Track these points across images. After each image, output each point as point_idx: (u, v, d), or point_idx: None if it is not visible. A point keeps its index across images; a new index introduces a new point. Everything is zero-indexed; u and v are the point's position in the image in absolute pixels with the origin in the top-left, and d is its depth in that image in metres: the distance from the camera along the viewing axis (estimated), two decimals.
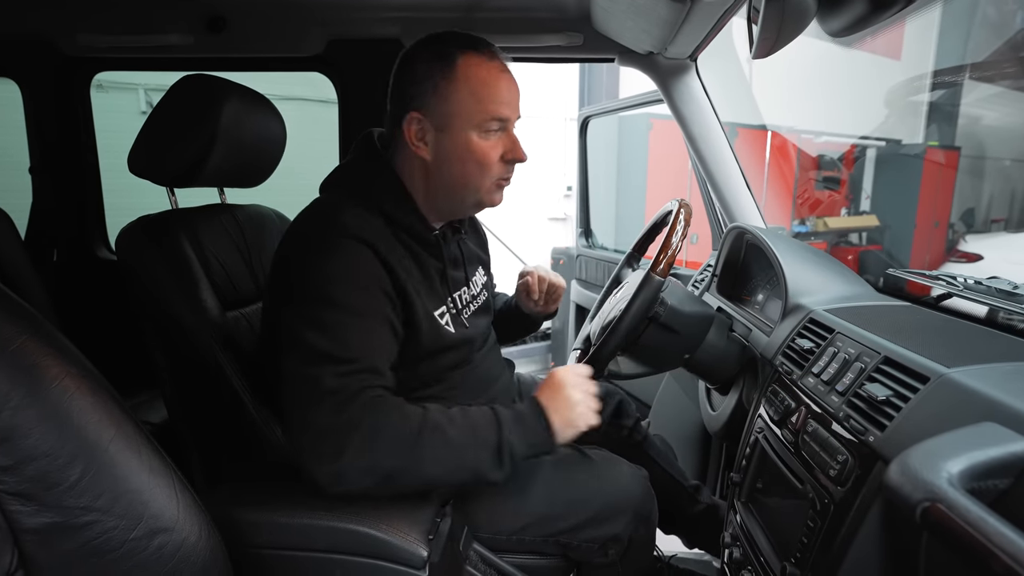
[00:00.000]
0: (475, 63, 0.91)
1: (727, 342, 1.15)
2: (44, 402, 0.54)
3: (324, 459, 0.75)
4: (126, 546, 0.58)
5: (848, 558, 0.65)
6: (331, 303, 0.82)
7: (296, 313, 0.83)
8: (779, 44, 0.81)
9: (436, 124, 0.92)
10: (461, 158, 0.93)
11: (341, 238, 0.85)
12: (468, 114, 0.91)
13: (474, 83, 0.90)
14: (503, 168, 0.96)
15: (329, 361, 0.79)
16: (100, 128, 1.86)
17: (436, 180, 0.95)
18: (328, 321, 0.81)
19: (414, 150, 0.94)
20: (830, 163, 4.78)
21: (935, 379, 0.64)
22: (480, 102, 0.90)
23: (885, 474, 0.51)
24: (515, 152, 0.95)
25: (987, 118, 4.57)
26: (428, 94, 0.91)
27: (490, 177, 0.95)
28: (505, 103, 0.93)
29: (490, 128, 0.92)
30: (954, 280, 0.98)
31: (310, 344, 0.79)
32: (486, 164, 0.93)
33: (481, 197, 0.97)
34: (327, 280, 0.83)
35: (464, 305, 1.06)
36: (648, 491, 1.09)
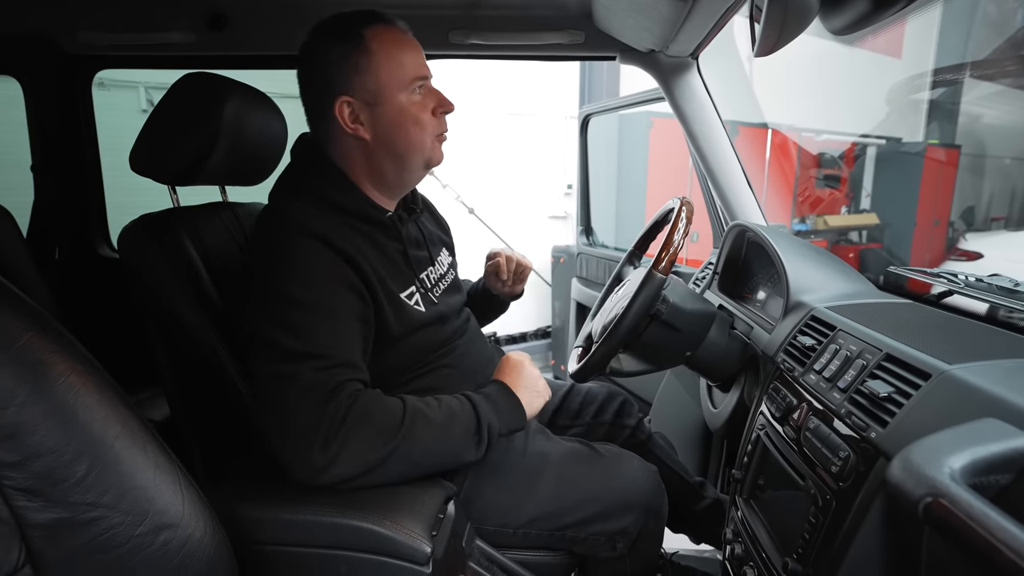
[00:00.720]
0: (382, 32, 0.95)
1: (728, 340, 1.15)
2: (50, 399, 0.54)
3: (311, 454, 0.77)
4: (132, 542, 0.58)
5: (850, 553, 0.65)
6: (295, 302, 0.83)
7: (262, 317, 0.84)
8: (781, 42, 0.81)
9: (367, 100, 0.94)
10: (400, 123, 0.95)
11: (293, 236, 0.87)
12: (394, 81, 0.94)
13: (390, 50, 0.94)
14: (437, 122, 0.99)
15: (305, 358, 0.80)
16: (100, 126, 1.86)
17: (381, 155, 0.97)
18: (296, 321, 0.82)
19: (351, 133, 0.95)
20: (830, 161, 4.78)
21: (937, 376, 0.65)
22: (401, 66, 0.94)
23: (887, 470, 0.51)
24: (444, 104, 0.99)
25: (987, 116, 4.57)
26: (350, 74, 0.93)
27: (429, 133, 0.98)
28: (421, 63, 0.97)
29: (415, 88, 0.96)
30: (955, 278, 0.98)
31: (282, 345, 0.80)
32: (423, 121, 0.96)
33: (427, 155, 0.99)
34: (287, 280, 0.84)
35: (433, 284, 1.07)
36: (659, 485, 1.10)
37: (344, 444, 0.77)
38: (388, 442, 0.80)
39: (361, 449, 0.79)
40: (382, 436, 0.80)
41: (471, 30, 1.52)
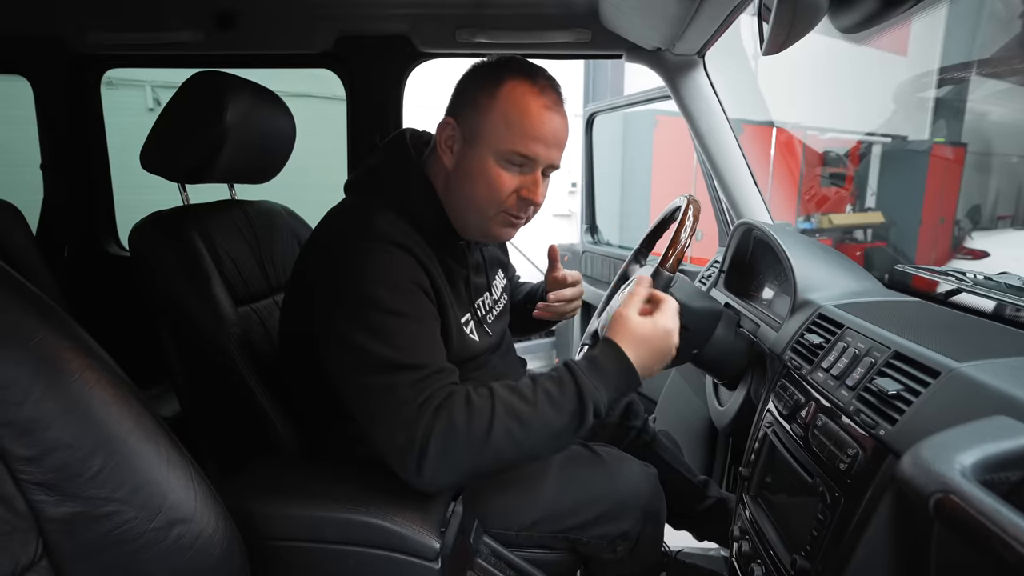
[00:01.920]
0: (521, 90, 0.88)
1: (735, 338, 1.15)
2: (65, 394, 0.55)
3: (410, 465, 0.75)
4: (145, 536, 0.59)
5: (858, 551, 0.65)
6: (384, 308, 0.80)
7: (346, 321, 0.80)
8: (790, 41, 0.81)
9: (465, 135, 0.90)
10: (474, 177, 0.89)
11: (381, 243, 0.84)
12: (495, 137, 0.87)
13: (511, 109, 0.87)
14: (515, 203, 0.91)
15: (401, 369, 0.78)
16: (107, 125, 1.87)
17: (452, 191, 0.93)
18: (387, 327, 0.79)
19: (440, 154, 0.92)
20: (836, 159, 4.77)
21: (946, 373, 0.65)
22: (510, 129, 0.87)
23: (897, 466, 0.51)
24: (531, 192, 0.90)
25: (994, 114, 4.55)
26: (468, 105, 0.90)
27: (496, 207, 0.90)
28: (539, 141, 0.88)
29: (512, 160, 0.88)
30: (963, 276, 0.98)
31: (374, 352, 0.78)
32: (495, 192, 0.89)
33: (486, 226, 0.93)
34: (374, 285, 0.81)
35: (487, 311, 1.06)
36: (657, 488, 1.10)
37: (437, 458, 0.75)
38: (480, 452, 0.77)
39: (454, 461, 0.76)
40: (472, 446, 0.76)
41: (478, 28, 1.52)
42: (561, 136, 0.91)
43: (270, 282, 1.21)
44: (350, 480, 0.87)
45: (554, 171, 0.95)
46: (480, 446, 0.76)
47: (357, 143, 1.73)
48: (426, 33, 1.59)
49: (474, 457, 0.77)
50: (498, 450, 0.77)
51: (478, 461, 0.77)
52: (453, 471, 0.77)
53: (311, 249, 0.93)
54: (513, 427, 0.77)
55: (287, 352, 1.00)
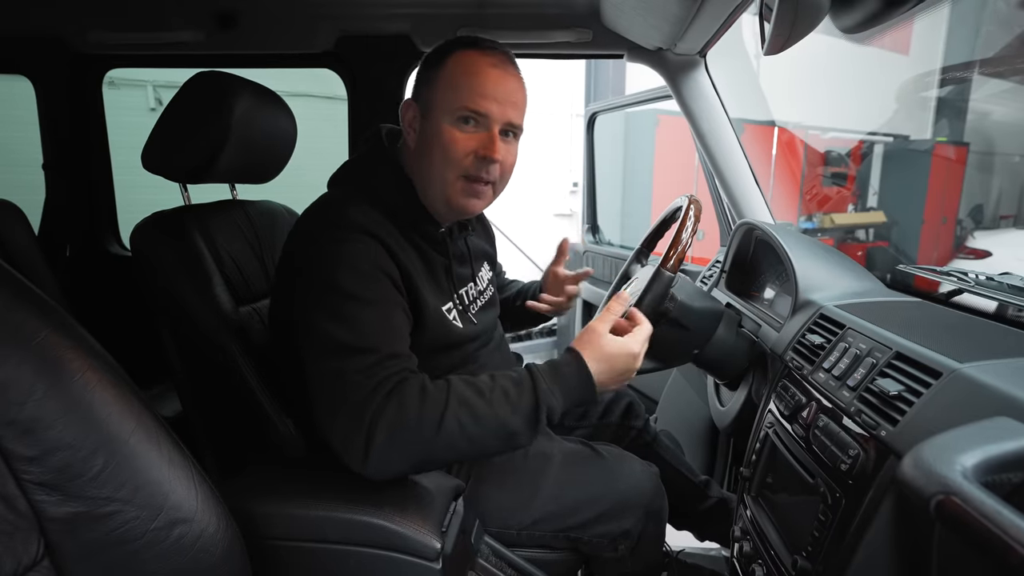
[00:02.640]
0: (466, 56, 0.90)
1: (736, 338, 1.15)
2: (67, 394, 0.55)
3: (356, 451, 0.76)
4: (147, 536, 0.59)
5: (860, 551, 0.65)
6: (345, 294, 0.81)
7: (312, 307, 0.82)
8: (791, 40, 0.81)
9: (422, 110, 0.92)
10: (431, 145, 0.90)
11: (349, 232, 0.86)
12: (445, 102, 0.89)
13: (457, 73, 0.89)
14: (472, 164, 0.90)
15: (351, 353, 0.78)
16: (109, 124, 1.88)
17: (417, 169, 0.95)
18: (345, 312, 0.80)
19: (406, 137, 0.95)
20: (837, 159, 4.76)
21: (948, 374, 0.65)
22: (457, 91, 0.88)
23: (898, 468, 0.51)
24: (487, 149, 0.89)
25: (996, 113, 4.54)
26: (422, 83, 0.93)
27: (453, 171, 0.90)
28: (488, 97, 0.88)
29: (464, 119, 0.89)
30: (965, 276, 0.98)
31: (329, 336, 0.79)
32: (451, 155, 0.89)
33: (449, 194, 0.92)
34: (339, 273, 0.82)
35: (471, 301, 1.07)
36: (659, 487, 1.10)
37: (384, 444, 0.75)
38: (430, 441, 0.77)
39: (402, 449, 0.77)
40: (422, 435, 0.77)
41: (479, 28, 1.52)
42: (514, 94, 0.91)
43: (271, 282, 1.21)
44: (351, 480, 0.87)
45: (518, 133, 0.94)
46: (431, 435, 0.77)
47: (358, 143, 1.73)
48: (427, 33, 1.59)
49: (423, 446, 0.77)
50: (449, 442, 0.77)
51: (428, 451, 0.77)
52: (401, 459, 0.77)
53: (291, 241, 0.95)
54: (466, 420, 0.78)
55: (276, 343, 1.01)
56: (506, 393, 0.81)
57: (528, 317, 1.31)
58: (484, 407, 0.79)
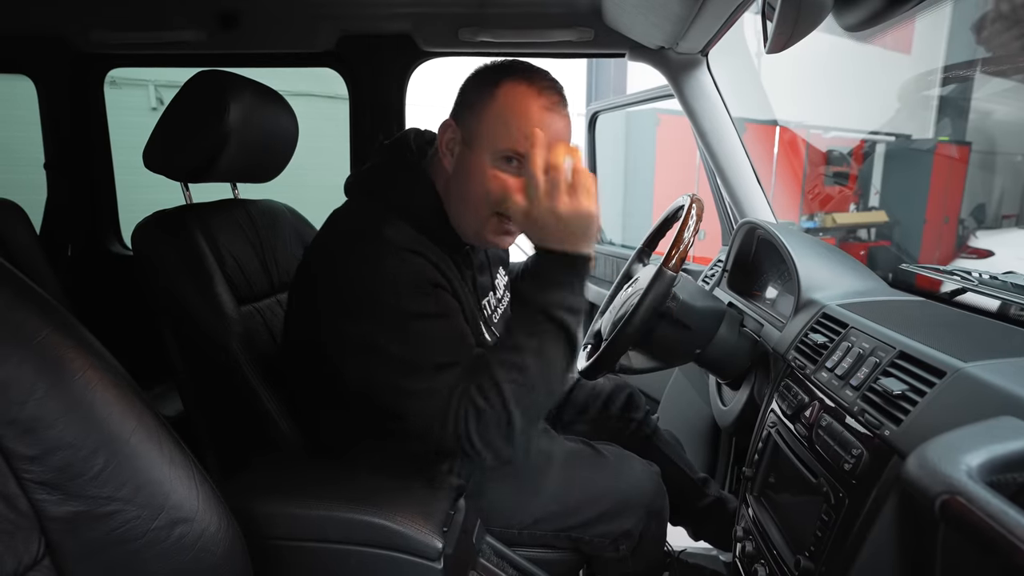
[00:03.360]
0: (519, 90, 0.86)
1: (738, 337, 1.15)
2: (68, 394, 0.55)
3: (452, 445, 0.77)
4: (148, 535, 0.59)
5: (863, 551, 0.65)
6: (410, 314, 0.80)
7: (373, 330, 0.80)
8: (794, 39, 0.81)
9: (464, 138, 0.89)
10: (470, 178, 0.88)
11: (391, 248, 0.83)
12: (492, 137, 0.86)
13: (508, 109, 0.85)
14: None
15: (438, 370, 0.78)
16: (110, 124, 1.88)
17: (450, 194, 0.92)
18: (418, 332, 0.79)
19: (441, 157, 0.91)
20: (839, 158, 4.76)
21: (952, 373, 0.64)
22: (507, 129, 0.85)
23: (902, 467, 0.51)
24: None
25: (999, 112, 4.53)
26: (467, 107, 0.89)
27: (489, 208, 0.88)
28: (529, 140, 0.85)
29: (508, 159, 0.86)
30: (969, 275, 0.97)
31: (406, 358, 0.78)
32: (489, 193, 0.86)
33: (481, 230, 0.91)
34: (394, 292, 0.80)
35: (492, 311, 1.06)
36: (659, 487, 1.10)
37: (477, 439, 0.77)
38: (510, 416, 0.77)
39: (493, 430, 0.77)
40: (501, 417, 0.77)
41: (481, 28, 1.52)
42: (560, 136, 0.89)
43: (273, 281, 1.21)
44: (352, 480, 0.87)
45: None
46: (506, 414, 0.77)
47: (359, 142, 1.73)
48: (429, 32, 1.59)
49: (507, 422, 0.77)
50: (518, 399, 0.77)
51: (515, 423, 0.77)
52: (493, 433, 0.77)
53: (318, 256, 0.91)
54: (514, 375, 0.78)
55: (291, 355, 0.99)
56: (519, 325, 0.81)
57: None
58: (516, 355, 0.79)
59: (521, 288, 0.84)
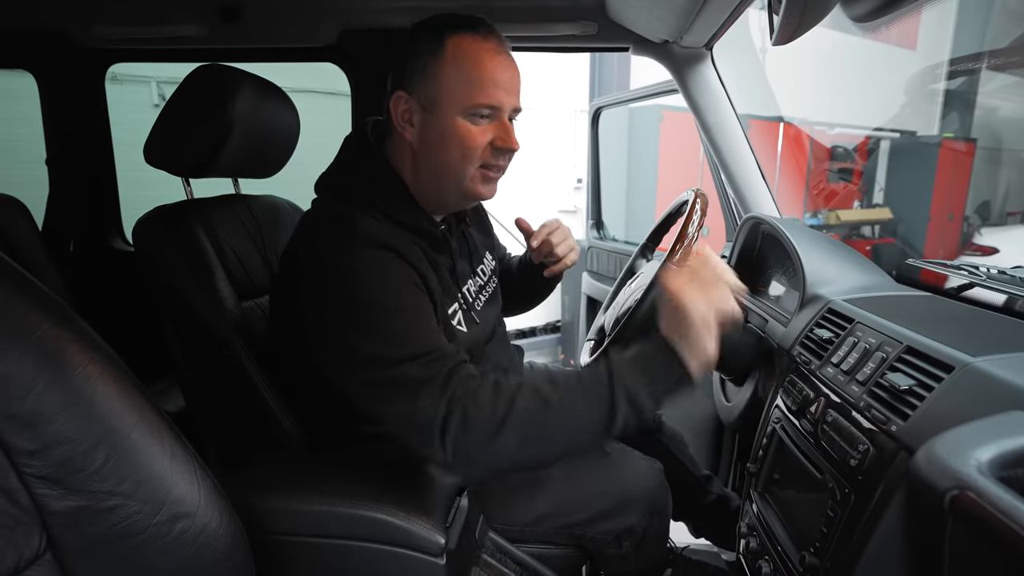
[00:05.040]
0: (467, 42, 0.86)
1: (742, 333, 1.14)
2: (69, 388, 0.55)
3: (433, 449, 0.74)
4: (149, 530, 0.58)
5: (869, 548, 0.64)
6: (379, 308, 0.79)
7: (343, 328, 0.79)
8: (801, 30, 0.80)
9: (423, 104, 0.87)
10: (445, 142, 0.87)
11: (365, 248, 0.82)
12: (456, 97, 0.85)
13: (464, 64, 0.85)
14: (490, 155, 0.89)
15: (406, 360, 0.76)
16: (112, 120, 1.87)
17: (421, 165, 0.91)
18: (386, 327, 0.78)
19: (401, 132, 0.90)
20: (843, 155, 4.74)
21: (960, 368, 0.64)
22: (469, 85, 0.85)
23: (911, 463, 0.50)
24: (506, 140, 0.88)
25: (1004, 109, 4.50)
26: (417, 73, 0.87)
27: (473, 164, 0.89)
28: (499, 87, 0.86)
29: (479, 113, 0.86)
30: (976, 270, 0.96)
31: (378, 354, 0.77)
32: (470, 149, 0.87)
33: (466, 186, 0.90)
34: (366, 288, 0.80)
35: (473, 298, 1.04)
36: (663, 484, 1.09)
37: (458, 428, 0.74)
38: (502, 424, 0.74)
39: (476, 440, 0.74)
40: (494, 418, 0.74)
41: None
42: (516, 79, 0.90)
43: (274, 277, 1.20)
44: (355, 475, 0.87)
45: (518, 115, 0.93)
46: (502, 419, 0.74)
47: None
48: None
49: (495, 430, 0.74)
50: (521, 428, 0.74)
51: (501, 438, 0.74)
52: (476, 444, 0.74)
53: (293, 260, 0.90)
54: (536, 405, 0.75)
55: (283, 354, 0.99)
56: (580, 378, 0.78)
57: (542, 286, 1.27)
58: (555, 393, 0.76)
59: (613, 348, 0.80)
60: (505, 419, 0.74)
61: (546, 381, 0.78)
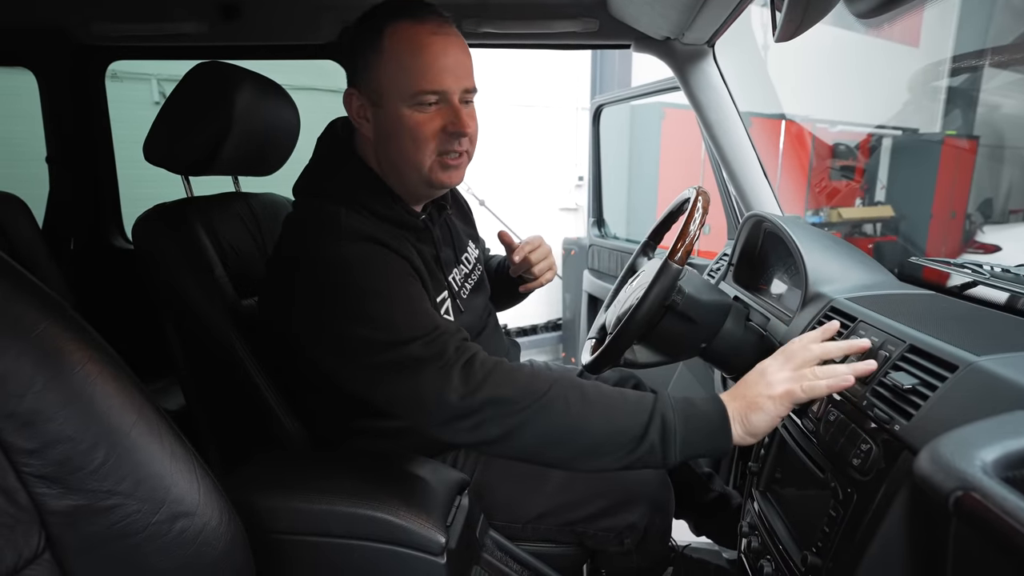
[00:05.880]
0: (403, 29, 0.84)
1: (745, 331, 1.13)
2: (67, 386, 0.55)
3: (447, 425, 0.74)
4: (149, 529, 0.58)
5: (872, 548, 0.64)
6: (376, 296, 0.79)
7: (342, 321, 0.79)
8: (804, 26, 0.79)
9: (371, 99, 0.87)
10: (396, 134, 0.87)
11: (353, 242, 0.83)
12: (398, 88, 0.84)
13: (400, 52, 0.83)
14: (444, 141, 0.87)
15: (409, 341, 0.76)
16: (112, 119, 1.87)
17: (383, 159, 0.92)
18: (383, 314, 0.78)
19: (360, 128, 0.90)
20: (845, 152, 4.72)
21: (964, 367, 0.63)
22: (408, 74, 0.83)
23: (914, 463, 0.50)
24: (456, 124, 0.86)
25: (1007, 106, 4.48)
26: (361, 70, 0.87)
27: (428, 153, 0.87)
28: (441, 71, 0.84)
29: (424, 101, 0.85)
30: (980, 268, 0.96)
31: (379, 340, 0.77)
32: (420, 139, 0.86)
33: (426, 175, 0.89)
34: (359, 279, 0.80)
35: (459, 287, 1.05)
36: (664, 481, 1.09)
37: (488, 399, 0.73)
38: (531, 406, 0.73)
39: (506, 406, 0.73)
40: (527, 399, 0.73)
41: (483, 19, 1.50)
42: (463, 59, 0.87)
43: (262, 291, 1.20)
44: (355, 474, 0.87)
45: (473, 95, 0.91)
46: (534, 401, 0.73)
47: None
48: None
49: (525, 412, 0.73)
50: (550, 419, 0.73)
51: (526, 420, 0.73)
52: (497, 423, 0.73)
53: (283, 261, 0.90)
54: (574, 399, 0.74)
55: (277, 353, 1.00)
56: (623, 394, 0.77)
57: (505, 297, 1.28)
58: (596, 394, 0.75)
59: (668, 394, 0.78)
60: (541, 397, 0.73)
61: (589, 382, 0.78)
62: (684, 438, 0.74)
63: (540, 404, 0.73)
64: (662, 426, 0.74)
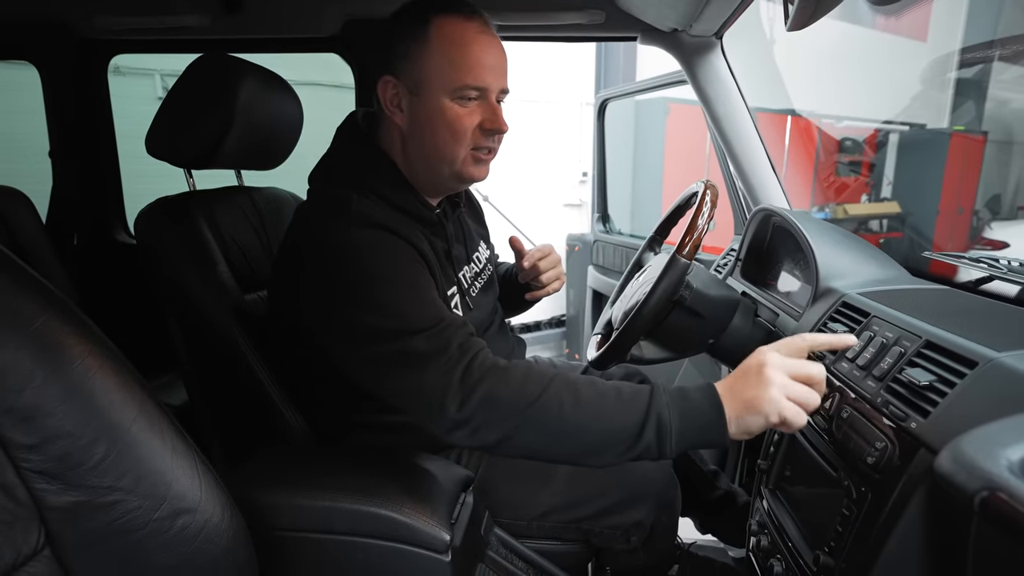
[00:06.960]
0: (450, 23, 0.86)
1: (753, 327, 1.12)
2: (67, 381, 0.54)
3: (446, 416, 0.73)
4: (150, 526, 0.57)
5: (887, 548, 0.63)
6: (383, 282, 0.79)
7: (348, 307, 0.79)
8: (818, 14, 0.77)
9: (410, 88, 0.88)
10: (434, 125, 0.88)
11: (362, 228, 0.82)
12: (442, 78, 0.86)
13: (448, 46, 0.85)
14: (480, 137, 0.90)
15: (415, 333, 0.75)
16: (116, 113, 1.86)
17: (413, 149, 0.92)
18: (389, 300, 0.78)
19: (390, 117, 0.90)
20: (851, 148, 4.69)
21: (984, 364, 0.62)
22: (454, 67, 0.85)
23: (935, 462, 0.48)
24: (495, 121, 0.89)
25: (1016, 101, 4.44)
26: (401, 57, 0.87)
27: (464, 147, 0.89)
28: (485, 68, 0.87)
29: (466, 96, 0.87)
30: (996, 262, 0.94)
31: (385, 327, 0.76)
32: (459, 132, 0.88)
33: (457, 169, 0.91)
34: (367, 265, 0.79)
35: (469, 284, 1.04)
36: (671, 478, 1.08)
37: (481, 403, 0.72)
38: (526, 407, 0.72)
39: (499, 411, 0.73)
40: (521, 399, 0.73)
41: (488, 10, 1.48)
42: (502, 60, 0.90)
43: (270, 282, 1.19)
44: (359, 470, 0.86)
45: (505, 96, 0.92)
46: (529, 402, 0.72)
47: None
48: None
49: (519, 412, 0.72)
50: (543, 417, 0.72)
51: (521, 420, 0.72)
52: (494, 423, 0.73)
53: (292, 248, 0.90)
54: (568, 399, 0.73)
55: (285, 346, 0.99)
56: (619, 389, 0.76)
57: (512, 304, 1.27)
58: (591, 394, 0.74)
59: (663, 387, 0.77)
60: (535, 401, 0.73)
61: (584, 379, 0.77)
62: (680, 432, 0.74)
63: (533, 408, 0.73)
64: (657, 424, 0.73)
